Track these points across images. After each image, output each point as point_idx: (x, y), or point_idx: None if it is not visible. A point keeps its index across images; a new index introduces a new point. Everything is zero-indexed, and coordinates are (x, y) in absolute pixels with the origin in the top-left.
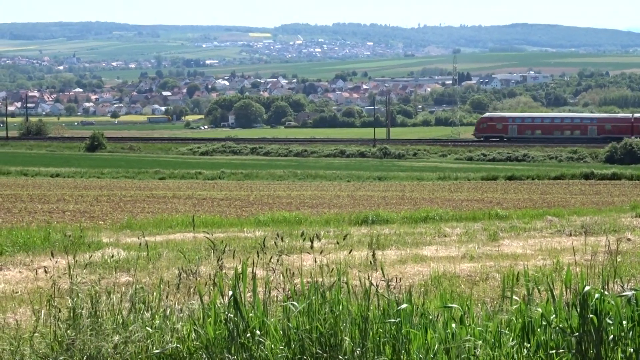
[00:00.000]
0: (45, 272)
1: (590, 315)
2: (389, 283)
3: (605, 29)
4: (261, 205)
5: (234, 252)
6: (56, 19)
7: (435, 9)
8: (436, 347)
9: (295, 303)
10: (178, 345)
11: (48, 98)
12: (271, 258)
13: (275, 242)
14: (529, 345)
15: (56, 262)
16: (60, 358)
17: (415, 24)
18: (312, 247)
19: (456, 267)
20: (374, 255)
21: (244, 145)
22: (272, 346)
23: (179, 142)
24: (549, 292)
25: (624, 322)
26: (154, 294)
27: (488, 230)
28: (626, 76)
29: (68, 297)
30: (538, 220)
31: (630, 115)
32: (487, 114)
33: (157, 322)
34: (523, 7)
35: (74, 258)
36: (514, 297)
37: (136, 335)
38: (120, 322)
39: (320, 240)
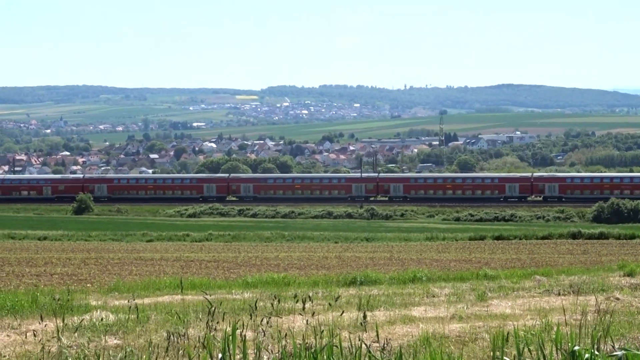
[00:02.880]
0: (34, 335)
1: None
2: (379, 343)
3: (591, 89)
4: (249, 267)
5: (223, 314)
6: (43, 83)
7: (421, 71)
8: None
9: None
10: None
11: (35, 161)
12: (262, 320)
13: (272, 304)
14: None
15: (45, 325)
16: None
17: (401, 85)
18: (304, 308)
19: (445, 328)
20: (364, 316)
21: (231, 207)
22: None
23: (166, 204)
24: (540, 352)
25: None
26: (143, 357)
27: (476, 291)
28: (612, 136)
29: None
30: (526, 279)
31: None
32: None
33: None
34: (508, 68)
35: (62, 321)
36: (504, 357)
37: None
38: None
39: (311, 301)
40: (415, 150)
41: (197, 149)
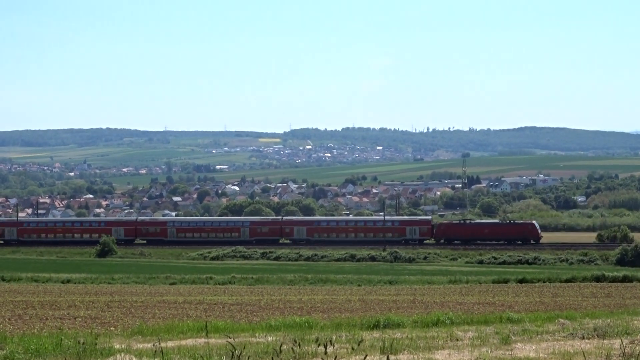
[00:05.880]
0: None
1: None
2: None
3: (613, 132)
4: (272, 310)
5: (247, 357)
6: (67, 126)
7: (443, 114)
8: None
9: None
10: None
11: (59, 204)
12: None
13: (292, 349)
14: None
15: None
16: None
17: (424, 128)
18: (325, 352)
19: None
20: None
21: (254, 249)
22: None
23: (189, 247)
24: None
25: None
26: None
27: (500, 334)
28: (635, 178)
29: None
30: (550, 323)
31: None
32: None
33: None
34: (531, 111)
35: None
36: None
37: None
38: None
39: (333, 345)
40: (438, 193)
41: (220, 191)
